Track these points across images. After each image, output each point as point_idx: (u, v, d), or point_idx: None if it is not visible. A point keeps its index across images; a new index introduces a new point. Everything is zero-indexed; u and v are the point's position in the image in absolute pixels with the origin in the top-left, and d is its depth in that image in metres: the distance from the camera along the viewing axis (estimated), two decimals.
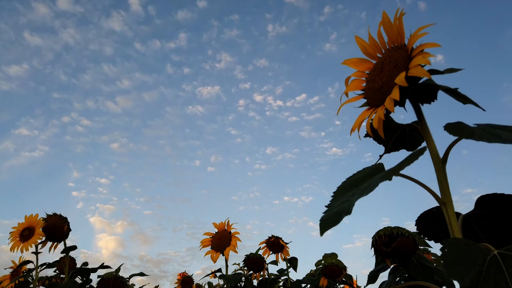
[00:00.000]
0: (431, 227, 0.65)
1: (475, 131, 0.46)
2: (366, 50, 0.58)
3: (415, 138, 0.60)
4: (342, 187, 0.56)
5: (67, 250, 1.53)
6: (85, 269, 1.58)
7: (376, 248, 1.05)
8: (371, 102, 0.56)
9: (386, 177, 0.48)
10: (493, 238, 0.57)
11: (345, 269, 1.62)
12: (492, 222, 0.56)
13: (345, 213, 0.46)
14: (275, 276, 1.80)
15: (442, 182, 0.49)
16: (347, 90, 0.60)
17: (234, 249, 1.58)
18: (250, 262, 1.71)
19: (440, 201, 0.49)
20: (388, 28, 0.53)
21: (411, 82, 0.49)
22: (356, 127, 0.56)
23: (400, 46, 0.53)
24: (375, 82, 0.54)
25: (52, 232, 1.49)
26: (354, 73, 0.60)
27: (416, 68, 0.47)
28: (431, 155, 0.51)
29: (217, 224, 1.66)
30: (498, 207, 0.55)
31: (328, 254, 1.67)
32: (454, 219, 0.48)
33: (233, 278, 1.55)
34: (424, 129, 0.52)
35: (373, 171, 0.55)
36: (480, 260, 0.40)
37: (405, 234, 1.01)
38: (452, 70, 0.50)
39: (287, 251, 1.75)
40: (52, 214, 1.53)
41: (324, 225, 0.47)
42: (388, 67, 0.52)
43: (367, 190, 0.47)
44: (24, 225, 1.46)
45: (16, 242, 1.43)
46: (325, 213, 0.50)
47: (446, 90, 0.49)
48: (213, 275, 1.91)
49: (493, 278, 0.38)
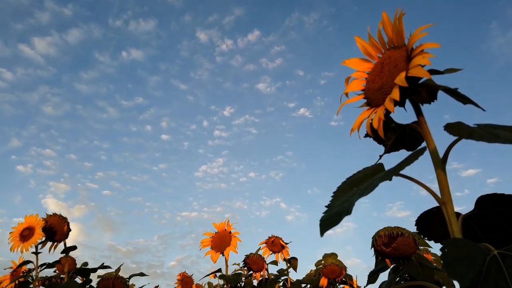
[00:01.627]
0: (431, 227, 0.65)
1: (475, 131, 0.46)
2: (366, 50, 0.58)
3: (415, 138, 0.60)
4: (342, 187, 0.56)
5: (67, 250, 1.53)
6: (85, 269, 1.58)
7: (376, 248, 1.05)
8: (371, 102, 0.56)
9: (386, 177, 0.48)
10: (493, 238, 0.57)
11: (345, 269, 1.62)
12: (492, 222, 0.56)
13: (345, 213, 0.46)
14: (275, 276, 1.80)
15: (442, 182, 0.49)
16: (347, 90, 0.60)
17: (234, 249, 1.58)
18: (250, 262, 1.71)
19: (440, 201, 0.49)
20: (388, 28, 0.53)
21: (411, 82, 0.49)
22: (356, 127, 0.56)
23: (400, 46, 0.53)
24: (375, 82, 0.54)
25: (52, 232, 1.49)
26: (354, 73, 0.60)
27: (416, 68, 0.47)
28: (431, 155, 0.51)
29: (217, 224, 1.66)
30: (498, 207, 0.55)
31: (328, 254, 1.68)
32: (454, 219, 0.48)
33: (233, 278, 1.55)
34: (424, 129, 0.52)
35: (373, 171, 0.55)
36: (480, 260, 0.40)
37: (405, 234, 1.01)
38: (452, 70, 0.50)
39: (287, 251, 1.75)
40: (52, 214, 1.53)
41: (324, 225, 0.47)
42: (388, 67, 0.52)
43: (367, 190, 0.47)
44: (24, 225, 1.46)
45: (16, 242, 1.43)
46: (325, 213, 0.50)
47: (446, 90, 0.49)
48: (213, 275, 1.91)
49: (493, 278, 0.38)
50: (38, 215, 1.49)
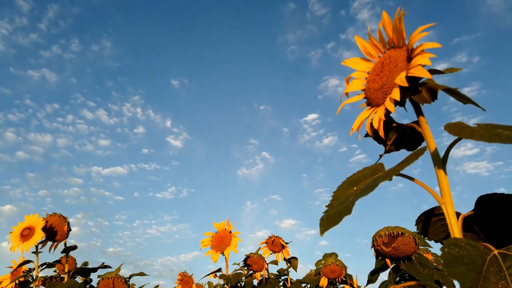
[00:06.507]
0: (431, 227, 0.65)
1: (475, 131, 0.46)
2: (366, 50, 0.58)
3: (415, 138, 0.60)
4: (342, 187, 0.56)
5: (67, 250, 1.53)
6: (85, 269, 1.59)
7: (376, 247, 1.05)
8: (371, 102, 0.56)
9: (386, 177, 0.48)
10: (493, 238, 0.57)
11: (345, 268, 1.62)
12: (492, 222, 0.56)
13: (345, 213, 0.46)
14: (275, 276, 1.80)
15: (442, 182, 0.50)
16: (347, 90, 0.60)
17: (234, 249, 1.58)
18: (250, 262, 1.71)
19: (440, 201, 0.49)
20: (388, 28, 0.53)
21: (411, 82, 0.49)
22: (357, 127, 0.56)
23: (401, 46, 0.53)
24: (375, 82, 0.54)
25: (52, 232, 1.49)
26: (354, 73, 0.60)
27: (417, 68, 0.47)
28: (431, 155, 0.51)
29: (217, 224, 1.66)
30: (498, 207, 0.55)
31: (328, 254, 1.68)
32: (454, 219, 0.48)
33: (233, 278, 1.55)
34: (424, 129, 0.52)
35: (373, 171, 0.55)
36: (480, 260, 0.40)
37: (405, 234, 1.01)
38: (453, 70, 0.50)
39: (287, 251, 1.75)
40: (52, 214, 1.53)
41: (324, 225, 0.47)
42: (388, 67, 0.52)
43: (367, 190, 0.47)
44: (24, 225, 1.46)
45: (16, 242, 1.43)
46: (325, 213, 0.50)
47: (447, 90, 0.49)
48: (214, 275, 1.91)
49: (493, 278, 0.38)
50: (39, 215, 1.49)
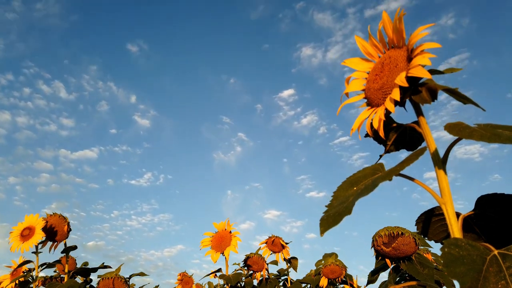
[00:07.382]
0: (431, 227, 0.65)
1: (475, 131, 0.46)
2: (366, 50, 0.58)
3: (415, 138, 0.60)
4: (342, 187, 0.56)
5: (67, 250, 1.53)
6: (85, 269, 1.59)
7: (376, 247, 1.05)
8: (371, 102, 0.56)
9: (386, 177, 0.48)
10: (493, 238, 0.57)
11: (345, 269, 1.62)
12: (492, 222, 0.56)
13: (345, 213, 0.46)
14: (275, 276, 1.80)
15: (442, 182, 0.50)
16: (347, 90, 0.60)
17: (234, 249, 1.58)
18: (250, 263, 1.71)
19: (440, 201, 0.49)
20: (388, 28, 0.53)
21: (411, 82, 0.49)
22: (357, 127, 0.56)
23: (401, 46, 0.53)
24: (375, 82, 0.54)
25: (52, 232, 1.49)
26: (354, 73, 0.60)
27: (417, 68, 0.47)
28: (431, 155, 0.51)
29: (217, 224, 1.66)
30: (498, 207, 0.55)
31: (328, 254, 1.67)
32: (454, 219, 0.48)
33: (233, 278, 1.55)
34: (424, 129, 0.52)
35: (373, 171, 0.55)
36: (480, 260, 0.40)
37: (405, 234, 1.01)
38: (453, 70, 0.50)
39: (287, 251, 1.75)
40: (52, 214, 1.53)
41: (324, 225, 0.47)
42: (388, 67, 0.52)
43: (367, 190, 0.47)
44: (24, 225, 1.46)
45: (16, 242, 1.43)
46: (325, 213, 0.50)
47: (447, 90, 0.49)
48: (214, 275, 1.91)
49: (493, 278, 0.38)
50: (39, 215, 1.49)
